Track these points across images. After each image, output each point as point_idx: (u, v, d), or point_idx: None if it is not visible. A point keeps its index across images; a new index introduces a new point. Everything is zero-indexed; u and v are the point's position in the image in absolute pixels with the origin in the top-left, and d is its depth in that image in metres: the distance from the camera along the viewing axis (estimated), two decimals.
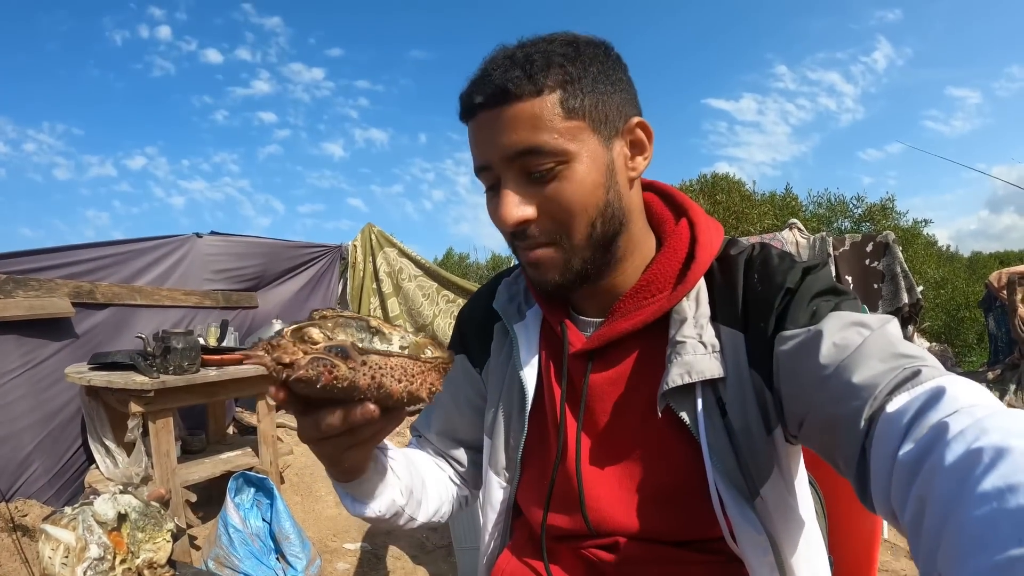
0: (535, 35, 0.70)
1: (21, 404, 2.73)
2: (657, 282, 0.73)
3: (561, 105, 0.65)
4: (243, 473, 2.44)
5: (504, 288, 0.88)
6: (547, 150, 0.65)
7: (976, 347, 10.05)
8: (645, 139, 0.71)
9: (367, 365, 0.47)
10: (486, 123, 0.67)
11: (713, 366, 0.67)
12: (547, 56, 0.65)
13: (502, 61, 0.66)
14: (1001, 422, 0.39)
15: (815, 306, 0.64)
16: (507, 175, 0.68)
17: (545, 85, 0.64)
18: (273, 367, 0.46)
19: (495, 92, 0.65)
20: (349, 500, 0.72)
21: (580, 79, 0.66)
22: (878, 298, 4.57)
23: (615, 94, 0.68)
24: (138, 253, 3.38)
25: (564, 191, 0.66)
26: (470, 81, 0.69)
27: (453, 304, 5.00)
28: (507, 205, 0.67)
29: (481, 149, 0.69)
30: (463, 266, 16.78)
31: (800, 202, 16.60)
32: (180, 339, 2.49)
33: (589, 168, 0.66)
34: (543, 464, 0.80)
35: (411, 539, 2.82)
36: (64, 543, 1.78)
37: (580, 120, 0.66)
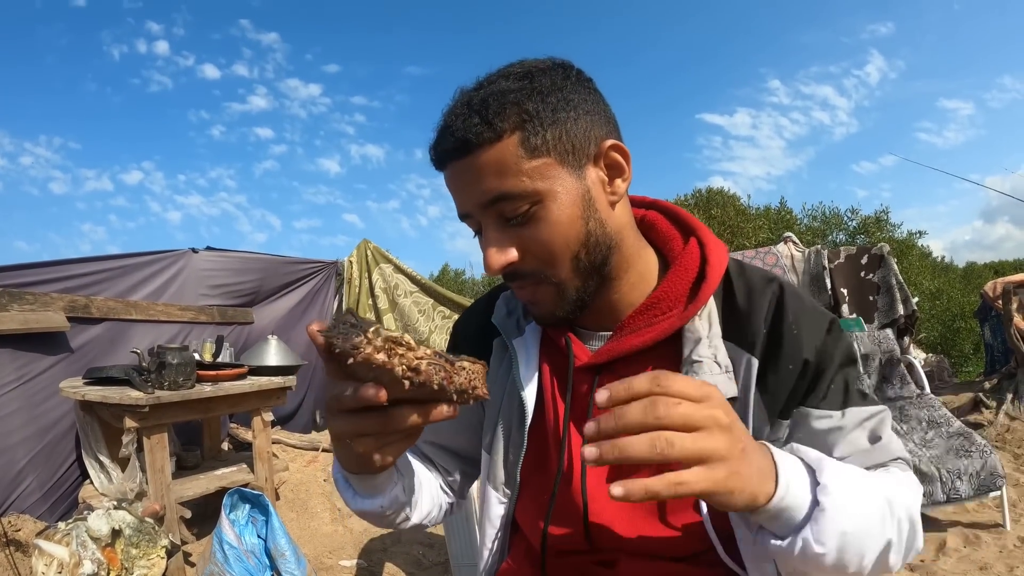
0: (490, 72, 0.70)
1: (15, 418, 2.71)
2: (668, 299, 0.74)
3: (522, 145, 0.64)
4: (238, 489, 2.43)
5: (502, 303, 0.88)
6: (516, 194, 0.65)
7: (972, 357, 10.06)
8: (622, 160, 0.70)
9: (465, 370, 0.51)
10: (456, 173, 0.68)
11: (729, 387, 0.69)
12: (501, 97, 0.65)
13: (461, 110, 0.66)
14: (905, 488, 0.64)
15: (837, 387, 0.70)
16: (486, 222, 0.69)
17: (503, 128, 0.64)
18: (404, 372, 0.48)
19: (457, 144, 0.66)
20: (351, 494, 0.72)
21: (538, 114, 0.65)
22: (874, 310, 4.58)
23: (579, 119, 0.67)
24: (134, 268, 3.37)
25: (542, 231, 0.67)
26: (436, 132, 0.70)
27: (449, 320, 5.00)
28: (489, 254, 0.68)
29: (457, 199, 0.71)
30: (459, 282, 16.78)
31: (795, 215, 16.67)
32: (175, 354, 2.48)
33: (564, 203, 0.67)
34: (544, 479, 0.79)
35: (407, 556, 2.79)
36: (58, 558, 1.76)
37: (545, 156, 0.65)
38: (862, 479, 0.59)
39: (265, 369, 3.07)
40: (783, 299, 0.72)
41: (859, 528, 0.55)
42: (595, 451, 0.46)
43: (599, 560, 0.77)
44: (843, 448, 0.68)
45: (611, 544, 0.75)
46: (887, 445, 0.69)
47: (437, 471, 0.91)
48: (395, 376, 0.48)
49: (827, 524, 0.53)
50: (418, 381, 0.48)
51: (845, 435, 0.68)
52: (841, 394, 0.70)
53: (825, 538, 0.53)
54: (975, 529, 2.75)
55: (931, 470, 2.59)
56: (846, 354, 0.72)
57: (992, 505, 2.99)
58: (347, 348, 0.47)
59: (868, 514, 0.56)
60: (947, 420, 2.95)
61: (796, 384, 0.69)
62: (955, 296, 12.08)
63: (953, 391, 5.02)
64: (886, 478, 0.65)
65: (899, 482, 0.65)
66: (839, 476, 0.55)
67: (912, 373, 3.35)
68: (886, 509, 0.59)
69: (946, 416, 2.98)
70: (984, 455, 2.61)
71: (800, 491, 0.54)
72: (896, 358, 3.39)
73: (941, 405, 3.10)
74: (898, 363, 3.37)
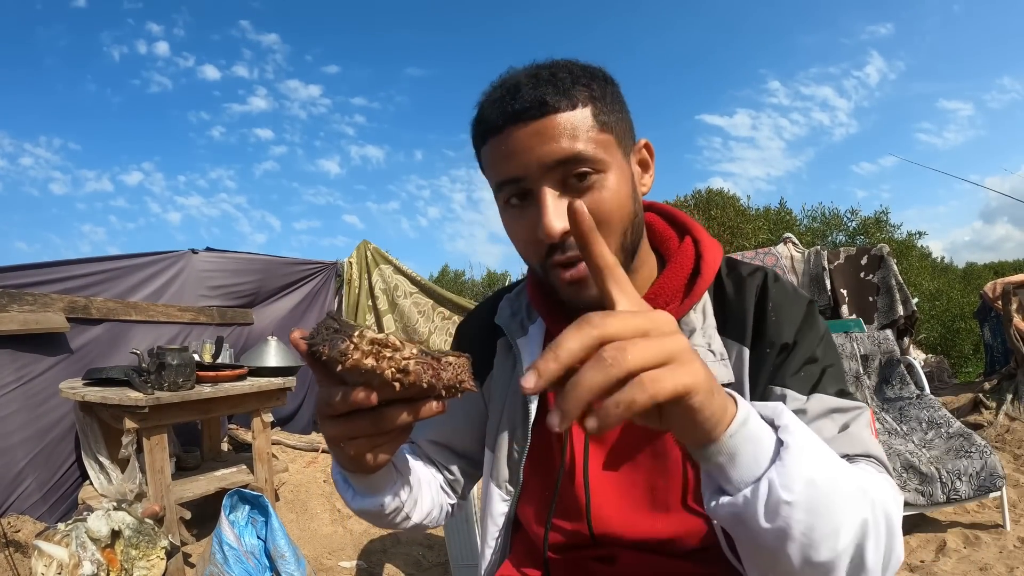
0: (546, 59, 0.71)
1: (15, 419, 2.72)
2: (664, 295, 0.76)
3: (595, 118, 0.67)
4: (238, 490, 2.43)
5: (506, 304, 0.90)
6: (587, 157, 0.66)
7: (972, 357, 10.05)
8: (649, 159, 0.77)
9: (451, 365, 0.51)
10: (522, 135, 0.66)
11: (724, 372, 0.71)
12: (571, 74, 0.68)
13: (527, 79, 0.67)
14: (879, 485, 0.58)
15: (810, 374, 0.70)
16: (545, 185, 0.67)
17: (578, 100, 0.67)
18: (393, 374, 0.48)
19: (532, 104, 0.66)
20: (351, 493, 0.72)
21: (604, 97, 0.69)
22: (873, 311, 4.59)
23: (626, 115, 0.72)
24: (133, 269, 3.38)
25: (604, 200, 0.68)
26: (492, 101, 0.69)
27: (448, 321, 5.00)
28: (550, 215, 0.66)
29: (513, 161, 0.68)
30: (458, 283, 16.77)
31: (794, 216, 16.67)
32: (175, 355, 2.48)
33: (620, 180, 0.69)
34: (546, 476, 0.80)
35: (407, 557, 2.79)
36: (57, 559, 1.76)
37: (610, 134, 0.69)
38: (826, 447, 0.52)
39: (265, 370, 3.07)
40: (766, 286, 0.75)
41: (829, 482, 0.48)
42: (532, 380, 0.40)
43: (600, 556, 0.78)
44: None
45: (613, 540, 0.76)
46: (857, 436, 0.65)
47: (438, 470, 0.91)
48: (385, 379, 0.48)
49: (793, 465, 0.46)
50: (408, 382, 0.48)
51: (809, 422, 0.65)
52: (812, 381, 0.69)
53: (792, 482, 0.46)
54: (975, 530, 2.75)
55: (931, 470, 2.59)
56: (824, 343, 0.73)
57: (992, 505, 2.99)
58: (334, 355, 0.47)
59: (836, 476, 0.49)
60: (947, 421, 2.95)
61: (772, 365, 0.71)
62: (955, 297, 12.07)
63: (953, 392, 5.02)
64: (855, 468, 0.59)
65: (872, 476, 0.60)
66: (800, 424, 0.50)
67: (912, 374, 3.35)
68: (859, 487, 0.52)
69: (946, 417, 2.98)
70: (984, 456, 2.61)
71: (761, 426, 0.48)
72: (896, 359, 3.39)
73: (941, 406, 3.10)
74: (898, 364, 3.38)
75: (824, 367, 0.71)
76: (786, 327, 0.72)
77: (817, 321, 0.74)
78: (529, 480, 0.82)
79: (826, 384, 0.70)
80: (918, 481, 2.58)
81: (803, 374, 0.70)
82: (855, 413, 0.68)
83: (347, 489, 0.72)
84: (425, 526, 0.86)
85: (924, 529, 2.79)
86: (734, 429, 0.46)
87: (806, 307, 0.74)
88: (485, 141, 0.71)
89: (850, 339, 3.46)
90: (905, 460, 2.65)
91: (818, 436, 0.57)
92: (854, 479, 0.52)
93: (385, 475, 0.71)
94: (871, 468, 0.64)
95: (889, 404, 3.24)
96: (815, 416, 0.66)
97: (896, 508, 0.58)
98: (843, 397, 0.69)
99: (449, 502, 0.91)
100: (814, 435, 0.51)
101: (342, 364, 0.47)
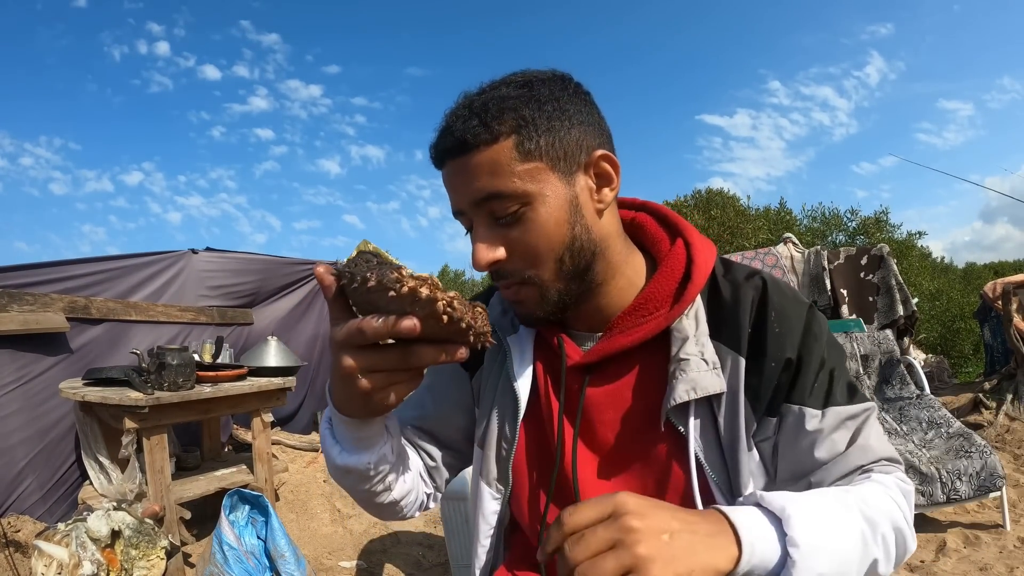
0: (492, 80, 0.73)
1: (15, 419, 2.72)
2: (655, 300, 0.76)
3: (516, 149, 0.68)
4: (238, 490, 2.43)
5: (497, 301, 0.90)
6: (507, 194, 0.68)
7: (972, 358, 10.05)
8: (611, 170, 0.73)
9: (481, 314, 0.54)
10: (453, 171, 0.71)
11: (716, 382, 0.71)
12: (500, 102, 0.68)
13: (462, 111, 0.70)
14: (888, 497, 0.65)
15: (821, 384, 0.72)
16: (477, 220, 0.72)
17: (500, 132, 0.67)
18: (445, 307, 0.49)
19: (455, 144, 0.69)
20: (337, 449, 0.72)
21: (534, 120, 0.68)
22: (873, 311, 4.58)
23: (572, 129, 0.70)
24: (133, 269, 3.37)
25: (528, 232, 0.70)
26: (437, 132, 0.73)
27: None
28: (478, 250, 0.71)
29: (452, 196, 0.73)
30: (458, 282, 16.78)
31: (794, 216, 16.66)
32: (175, 355, 2.48)
33: (552, 207, 0.69)
34: (538, 475, 0.80)
35: (407, 557, 2.79)
36: (57, 559, 1.76)
37: (537, 161, 0.68)
38: (836, 512, 0.59)
39: (265, 370, 3.07)
40: (765, 295, 0.74)
41: (837, 565, 0.55)
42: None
43: None
44: (823, 450, 0.69)
45: None
46: (869, 446, 0.70)
47: (419, 455, 0.91)
48: (434, 311, 0.49)
49: (801, 573, 0.53)
50: (456, 316, 0.50)
51: (826, 436, 0.70)
52: (824, 392, 0.71)
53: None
54: (975, 530, 2.76)
55: (931, 471, 2.59)
56: (828, 345, 0.74)
57: (992, 505, 2.99)
58: (387, 282, 0.48)
59: (846, 549, 0.57)
60: (947, 421, 2.95)
61: (779, 380, 0.71)
62: (955, 297, 12.07)
63: (953, 392, 5.02)
64: (866, 492, 0.64)
65: (881, 491, 0.66)
66: (808, 521, 0.55)
67: (912, 374, 3.35)
68: (868, 532, 0.59)
69: (946, 417, 2.99)
70: (984, 456, 2.61)
71: (767, 547, 0.54)
72: (896, 359, 3.39)
73: (941, 406, 3.10)
74: (898, 364, 3.38)
75: (831, 370, 0.72)
76: (790, 340, 0.72)
77: (818, 326, 0.74)
78: (519, 479, 0.82)
79: (836, 391, 0.72)
80: (918, 481, 2.58)
81: (816, 387, 0.71)
82: (863, 416, 0.72)
83: (334, 445, 0.72)
84: (400, 509, 0.85)
85: (924, 529, 2.79)
86: (739, 570, 0.52)
87: (807, 315, 0.74)
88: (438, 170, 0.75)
89: (850, 339, 3.46)
90: (905, 460, 2.65)
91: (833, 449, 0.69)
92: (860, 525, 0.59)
93: (379, 431, 0.71)
94: (881, 473, 0.69)
95: (889, 404, 3.24)
96: (831, 430, 0.70)
97: (905, 507, 0.66)
98: (853, 402, 0.72)
99: (426, 491, 0.90)
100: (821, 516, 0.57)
101: (396, 290, 0.48)
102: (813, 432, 0.70)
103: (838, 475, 0.69)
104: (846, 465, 0.69)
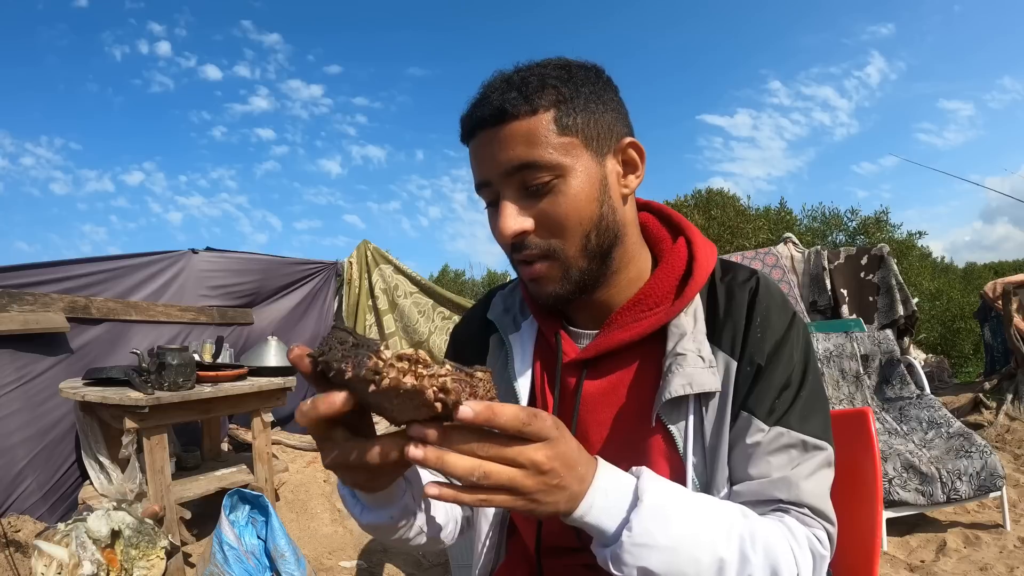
0: (530, 61, 0.74)
1: (15, 419, 2.72)
2: (654, 295, 0.76)
3: (555, 123, 0.69)
4: (238, 490, 2.43)
5: (499, 300, 0.90)
6: (543, 164, 0.68)
7: (972, 358, 10.05)
8: (637, 158, 0.75)
9: (482, 381, 0.49)
10: (486, 142, 0.71)
11: (712, 380, 0.71)
12: (541, 78, 0.69)
13: (499, 84, 0.71)
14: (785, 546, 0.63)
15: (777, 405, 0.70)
16: (506, 190, 0.71)
17: (540, 104, 0.68)
18: (435, 394, 0.45)
19: (493, 112, 0.69)
20: (359, 509, 0.71)
21: (573, 99, 0.70)
22: (873, 311, 4.59)
23: (606, 113, 0.72)
24: (134, 268, 3.37)
25: (560, 203, 0.69)
26: (470, 103, 0.73)
27: (448, 321, 5.00)
28: (505, 217, 0.70)
29: (481, 166, 0.73)
30: (459, 283, 16.77)
31: (795, 216, 16.65)
32: (175, 355, 2.48)
33: (583, 182, 0.70)
34: None
35: (407, 557, 2.79)
36: (57, 559, 1.76)
37: (573, 136, 0.69)
38: (705, 526, 0.59)
39: (265, 370, 3.07)
40: (756, 298, 0.75)
41: (669, 569, 0.57)
42: (420, 452, 0.48)
43: (589, 563, 0.77)
44: (755, 466, 0.69)
45: None
46: (799, 486, 0.68)
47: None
48: (425, 401, 0.44)
49: (626, 556, 0.56)
50: (450, 401, 0.45)
51: (762, 454, 0.69)
52: (781, 410, 0.70)
53: (624, 568, 0.57)
54: (975, 529, 2.75)
55: (931, 470, 2.59)
56: (802, 364, 0.72)
57: (992, 505, 2.99)
58: (364, 375, 0.43)
59: (690, 561, 0.57)
60: (947, 421, 2.95)
61: (748, 385, 0.71)
62: (955, 297, 12.06)
63: (953, 392, 5.02)
64: (764, 529, 0.63)
65: (783, 537, 0.64)
66: (660, 515, 0.57)
67: (912, 374, 3.35)
68: (733, 564, 0.59)
69: (946, 417, 2.99)
70: (984, 455, 2.61)
71: (605, 516, 0.58)
72: (896, 359, 3.39)
73: (941, 406, 3.10)
74: (898, 364, 3.37)
75: (795, 395, 0.71)
76: (764, 347, 0.71)
77: (796, 341, 0.73)
78: None
79: (794, 414, 0.70)
80: (918, 481, 2.58)
81: (776, 403, 0.70)
82: (812, 456, 0.70)
83: (355, 504, 0.71)
84: (440, 541, 0.84)
85: (924, 529, 2.79)
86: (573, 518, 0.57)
87: (786, 325, 0.73)
88: (466, 143, 0.75)
89: (850, 339, 3.46)
90: (905, 460, 2.65)
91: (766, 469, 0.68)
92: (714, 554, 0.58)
93: (395, 487, 0.70)
94: (794, 521, 0.67)
95: (889, 404, 3.24)
96: (770, 450, 0.69)
97: (802, 563, 0.64)
98: (811, 431, 0.70)
99: (463, 515, 0.89)
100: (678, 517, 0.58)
101: (375, 384, 0.43)
102: (752, 445, 0.69)
103: (752, 498, 0.68)
104: (764, 492, 0.68)
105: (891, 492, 2.57)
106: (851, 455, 0.97)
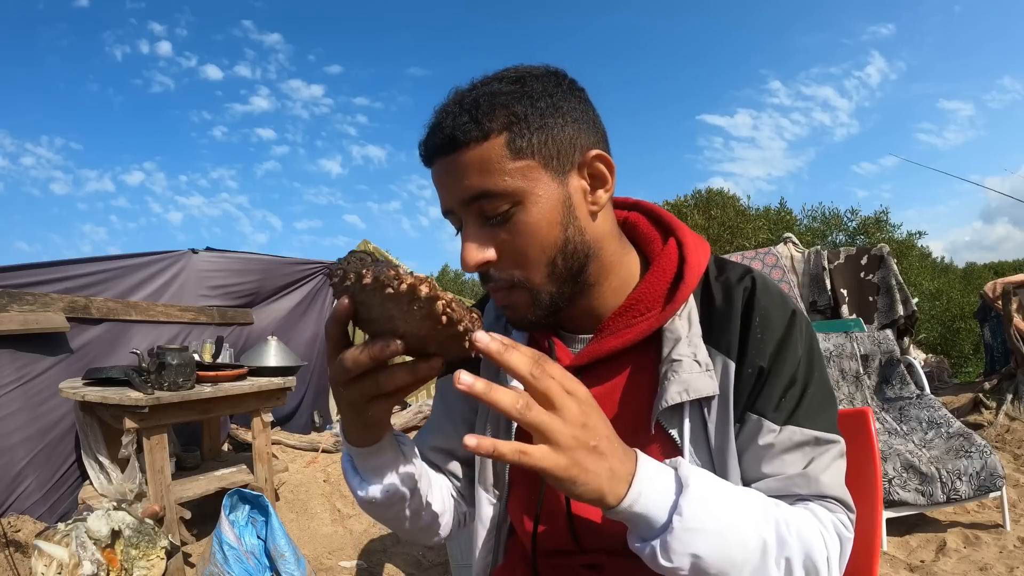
0: (485, 74, 0.71)
1: (15, 419, 2.72)
2: (646, 301, 0.74)
3: (508, 146, 0.65)
4: (238, 490, 2.43)
5: (491, 307, 0.89)
6: (498, 192, 0.65)
7: (972, 357, 10.06)
8: (605, 171, 0.71)
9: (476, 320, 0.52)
10: (442, 170, 0.69)
11: (709, 385, 0.69)
12: (492, 98, 0.66)
13: (452, 108, 0.67)
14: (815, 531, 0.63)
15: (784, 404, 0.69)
16: (466, 218, 0.69)
17: (491, 129, 0.65)
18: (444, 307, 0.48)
19: (444, 141, 0.67)
20: (358, 480, 0.71)
21: (527, 117, 0.66)
22: (873, 311, 4.59)
23: (566, 127, 0.68)
24: (134, 268, 3.38)
25: (520, 233, 0.67)
26: (426, 128, 0.70)
27: None
28: (467, 250, 0.68)
29: (442, 195, 0.71)
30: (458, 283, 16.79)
31: (795, 216, 16.68)
32: (175, 355, 2.48)
33: (543, 208, 0.67)
34: (532, 480, 0.79)
35: (407, 557, 2.79)
36: (57, 559, 1.76)
37: (529, 159, 0.66)
38: (747, 511, 0.59)
39: (265, 370, 3.07)
40: (753, 298, 0.72)
41: (719, 555, 0.56)
42: (470, 380, 0.49)
43: (587, 563, 0.77)
44: (770, 466, 0.68)
45: (597, 544, 0.75)
46: (818, 480, 0.67)
47: (448, 479, 0.90)
48: (433, 311, 0.47)
49: (675, 544, 0.55)
50: (455, 319, 0.48)
51: (776, 454, 0.68)
52: (789, 408, 0.69)
53: (674, 556, 0.55)
54: (975, 529, 2.76)
55: (931, 470, 2.59)
56: (807, 362, 0.71)
57: (992, 505, 2.99)
58: (383, 279, 0.46)
59: (736, 546, 0.57)
60: (947, 421, 2.95)
61: (752, 388, 0.69)
62: (955, 297, 12.08)
63: (953, 392, 5.02)
64: (794, 515, 0.63)
65: (812, 522, 0.64)
66: (707, 501, 0.56)
67: (912, 374, 3.35)
68: (773, 547, 0.59)
69: (946, 416, 2.99)
70: (984, 455, 2.61)
71: (653, 503, 0.56)
72: (896, 359, 3.39)
73: (941, 406, 3.10)
74: (898, 364, 3.37)
75: (804, 388, 0.70)
76: (766, 348, 0.70)
77: (799, 338, 0.71)
78: (516, 484, 0.81)
79: (803, 411, 0.69)
80: (918, 481, 2.58)
81: (782, 401, 0.69)
82: (825, 448, 0.69)
83: (354, 476, 0.71)
84: (437, 533, 0.84)
85: (924, 529, 2.79)
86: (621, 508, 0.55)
87: (787, 323, 0.71)
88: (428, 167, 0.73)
89: (850, 339, 3.46)
90: (905, 460, 2.65)
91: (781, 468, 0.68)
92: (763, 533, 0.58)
93: (391, 457, 0.70)
94: (822, 509, 0.67)
95: (889, 404, 3.24)
96: (784, 449, 0.68)
97: (831, 547, 0.64)
98: (820, 425, 0.69)
99: (462, 510, 0.90)
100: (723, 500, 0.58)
101: (393, 287, 0.46)
102: (764, 446, 0.68)
103: (770, 494, 0.67)
104: (783, 488, 0.68)
105: (891, 492, 2.57)
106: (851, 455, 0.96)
